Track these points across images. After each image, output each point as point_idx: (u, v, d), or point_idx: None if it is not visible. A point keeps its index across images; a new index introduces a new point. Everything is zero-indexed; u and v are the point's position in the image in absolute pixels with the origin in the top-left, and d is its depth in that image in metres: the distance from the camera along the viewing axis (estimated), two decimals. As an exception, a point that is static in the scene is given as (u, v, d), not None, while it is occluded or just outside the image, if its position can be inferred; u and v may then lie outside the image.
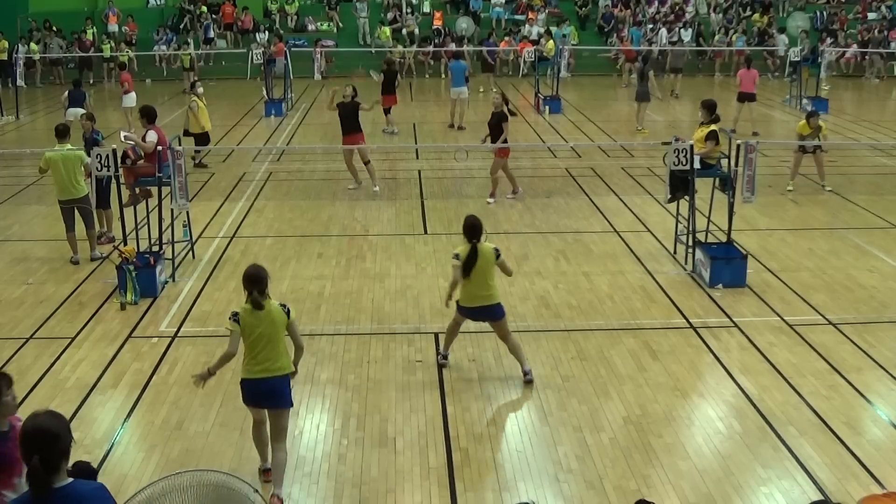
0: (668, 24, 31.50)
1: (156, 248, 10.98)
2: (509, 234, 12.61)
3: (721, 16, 32.98)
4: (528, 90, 26.21)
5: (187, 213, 11.79)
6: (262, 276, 6.42)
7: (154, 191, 11.51)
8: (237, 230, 13.13)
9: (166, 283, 10.87)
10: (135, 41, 30.54)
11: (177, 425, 7.58)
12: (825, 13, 32.86)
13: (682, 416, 7.75)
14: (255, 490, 4.39)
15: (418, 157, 18.14)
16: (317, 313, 9.94)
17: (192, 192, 12.86)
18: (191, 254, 11.84)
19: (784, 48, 28.11)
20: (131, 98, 20.72)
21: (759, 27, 31.71)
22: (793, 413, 7.70)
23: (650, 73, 21.08)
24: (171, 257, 11.11)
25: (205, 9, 32.32)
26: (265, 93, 23.73)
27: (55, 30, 30.49)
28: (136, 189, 11.69)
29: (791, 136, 16.90)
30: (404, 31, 31.99)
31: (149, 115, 12.16)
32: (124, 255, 10.33)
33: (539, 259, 11.63)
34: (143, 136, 11.84)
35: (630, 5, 33.41)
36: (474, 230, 8.07)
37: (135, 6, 32.34)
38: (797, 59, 23.75)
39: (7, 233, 13.15)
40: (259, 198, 14.89)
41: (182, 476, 4.27)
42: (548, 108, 23.20)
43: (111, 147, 10.89)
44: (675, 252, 11.77)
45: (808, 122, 14.64)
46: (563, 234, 12.79)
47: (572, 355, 8.88)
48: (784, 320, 9.65)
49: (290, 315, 6.48)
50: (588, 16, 33.54)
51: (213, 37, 31.60)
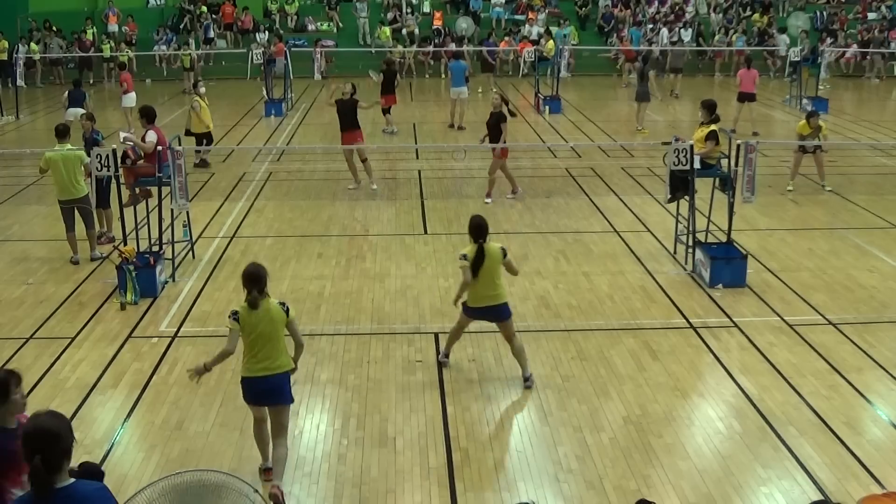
0: (668, 24, 31.51)
1: (156, 248, 10.98)
2: (509, 234, 12.60)
3: (721, 16, 32.98)
4: (528, 90, 26.21)
5: (187, 213, 11.79)
6: (262, 275, 6.44)
7: (154, 191, 11.52)
8: (237, 230, 13.13)
9: (166, 283, 10.88)
10: (135, 41, 30.53)
11: (177, 425, 7.58)
12: (825, 13, 32.86)
13: (682, 416, 7.75)
14: (255, 490, 4.39)
15: (418, 157, 18.14)
16: (317, 313, 9.95)
17: (192, 192, 12.86)
18: (191, 254, 11.85)
19: (785, 48, 28.10)
20: (131, 98, 20.71)
21: (759, 27, 31.70)
22: (793, 413, 7.70)
23: (650, 72, 21.07)
24: (171, 257, 11.11)
25: (205, 9, 32.31)
26: (265, 93, 23.73)
27: (55, 30, 30.49)
28: (136, 189, 11.71)
29: (791, 136, 16.91)
30: (404, 31, 31.98)
31: (148, 116, 12.18)
32: (124, 255, 10.34)
33: (539, 259, 11.63)
34: (143, 137, 11.86)
35: (630, 5, 33.41)
36: (480, 230, 8.04)
37: (135, 6, 32.34)
38: (797, 59, 23.77)
39: (7, 233, 13.15)
40: (259, 198, 14.89)
41: (182, 476, 4.27)
42: (548, 108, 23.20)
43: (111, 147, 10.90)
44: (675, 252, 11.77)
45: (808, 121, 14.65)
46: (563, 234, 12.80)
47: (572, 355, 8.88)
48: (784, 320, 9.65)
49: (289, 313, 6.51)
50: (588, 16, 33.54)
51: (213, 37, 31.60)
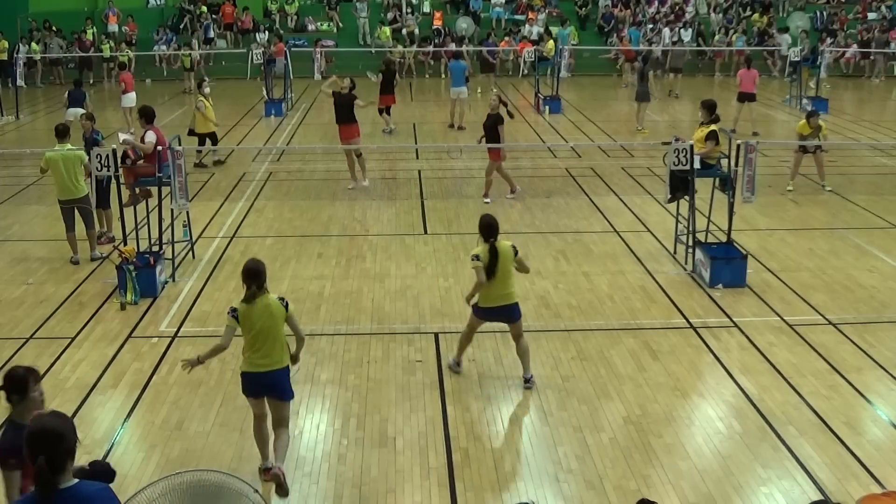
0: (669, 24, 31.49)
1: (156, 248, 10.98)
2: (509, 235, 12.50)
3: (721, 16, 32.97)
4: (528, 90, 26.22)
5: (187, 213, 11.79)
6: (261, 271, 6.52)
7: (154, 191, 11.52)
8: (237, 230, 13.13)
9: (166, 283, 10.88)
10: (135, 41, 30.52)
11: (177, 425, 7.58)
12: (825, 13, 32.85)
13: (682, 416, 7.75)
14: (255, 490, 4.39)
15: (418, 157, 18.13)
16: (317, 313, 9.94)
17: (192, 192, 12.87)
18: (191, 254, 11.85)
19: (787, 48, 28.10)
20: (131, 98, 20.70)
21: (759, 27, 31.70)
22: (793, 413, 7.70)
23: (650, 72, 21.06)
24: (171, 257, 11.11)
25: (205, 9, 32.31)
26: (265, 93, 23.72)
27: (55, 30, 30.48)
28: (136, 189, 11.71)
29: (791, 136, 16.91)
30: (404, 31, 31.96)
31: (147, 116, 12.18)
32: (124, 255, 10.34)
33: (539, 259, 11.62)
34: (142, 137, 11.85)
35: (630, 5, 33.41)
36: (491, 229, 7.98)
37: (135, 6, 32.34)
38: (797, 59, 23.77)
39: (7, 233, 13.15)
40: (259, 198, 14.89)
41: (182, 476, 4.26)
42: (548, 108, 23.20)
43: (111, 147, 10.90)
44: (675, 252, 11.77)
45: (808, 121, 14.65)
46: (563, 234, 12.80)
47: (572, 355, 8.88)
48: (784, 320, 9.65)
49: (288, 308, 6.57)
50: (588, 16, 33.53)
51: (213, 37, 31.59)
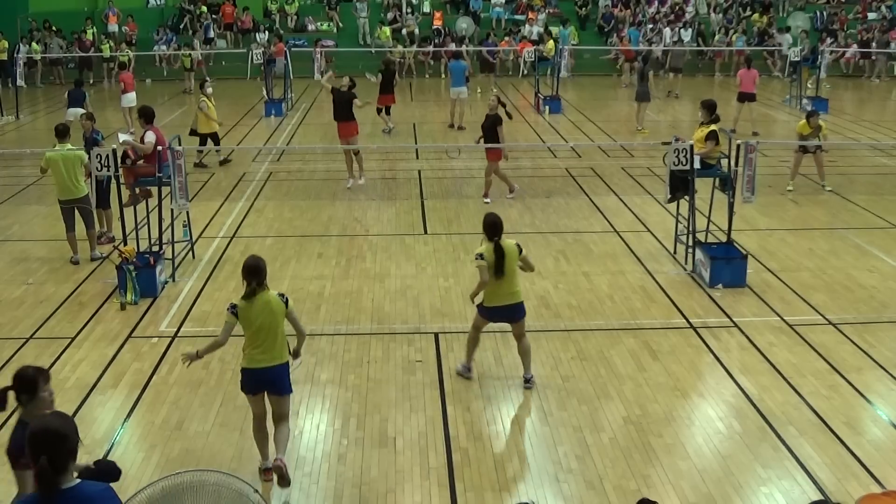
0: (670, 24, 31.49)
1: (156, 248, 10.98)
2: (509, 234, 12.49)
3: (721, 16, 32.96)
4: (528, 90, 26.21)
5: (187, 213, 11.79)
6: (261, 267, 6.55)
7: (154, 191, 11.52)
8: (237, 230, 13.13)
9: (166, 283, 10.88)
10: (135, 41, 30.51)
11: (177, 425, 7.58)
12: (825, 13, 32.85)
13: (682, 416, 7.75)
14: (255, 490, 4.39)
15: (418, 157, 18.13)
16: (317, 313, 9.94)
17: (192, 192, 12.87)
18: (191, 254, 11.85)
19: (787, 48, 28.09)
20: (131, 98, 20.69)
21: (759, 27, 31.70)
22: (793, 413, 7.70)
23: (650, 72, 21.06)
24: (171, 257, 11.11)
25: (205, 9, 32.30)
26: (265, 93, 23.72)
27: (55, 30, 30.47)
28: (136, 189, 11.72)
29: (791, 136, 16.91)
30: (404, 31, 31.95)
31: (147, 116, 12.18)
32: (124, 255, 10.34)
33: (539, 259, 11.59)
34: (142, 137, 11.85)
35: (630, 5, 33.41)
36: (495, 227, 7.97)
37: (135, 6, 32.33)
38: (797, 59, 23.76)
39: (7, 233, 13.15)
40: (259, 198, 14.89)
41: (182, 476, 4.26)
42: (548, 108, 23.19)
43: (111, 147, 10.90)
44: (675, 252, 11.77)
45: (808, 121, 14.65)
46: (563, 234, 12.79)
47: (572, 355, 8.88)
48: (784, 320, 9.65)
49: (287, 304, 6.60)
50: (588, 16, 33.53)
51: (213, 37, 31.58)
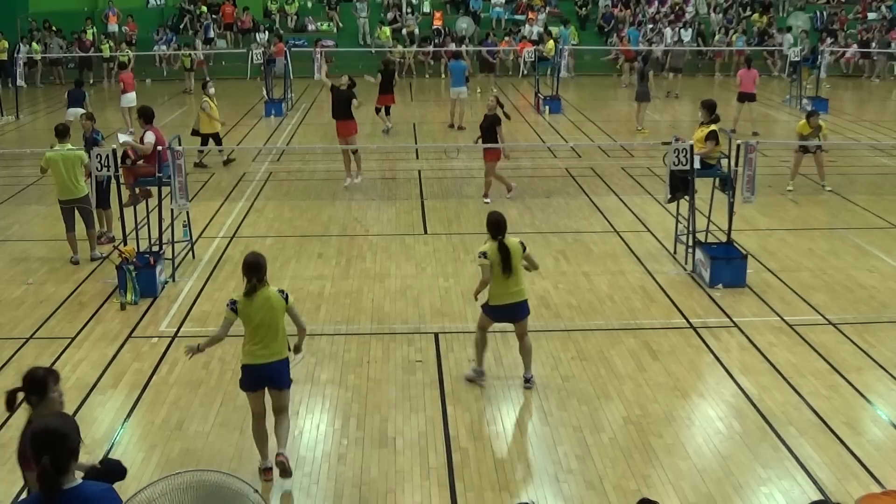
0: (670, 24, 31.47)
1: (156, 248, 10.98)
2: (509, 234, 12.56)
3: (721, 16, 32.96)
4: (528, 90, 26.21)
5: (187, 213, 11.79)
6: (261, 264, 6.58)
7: (154, 191, 11.52)
8: (237, 230, 13.13)
9: (166, 283, 10.88)
10: (135, 41, 30.51)
11: (177, 425, 7.58)
12: (825, 13, 32.85)
13: (682, 416, 7.75)
14: (255, 490, 4.38)
15: (418, 157, 18.13)
16: (317, 313, 9.94)
17: (192, 192, 12.87)
18: (191, 254, 11.85)
19: (788, 47, 28.08)
20: (131, 98, 20.69)
21: (759, 27, 31.70)
22: (793, 413, 7.70)
23: (650, 72, 21.06)
24: (171, 257, 11.11)
25: (205, 9, 32.30)
26: (265, 93, 23.73)
27: (55, 30, 30.48)
28: (136, 189, 11.71)
29: (791, 136, 16.91)
30: (404, 31, 31.95)
31: (146, 116, 12.18)
32: (124, 255, 10.34)
33: (539, 259, 11.50)
34: (141, 137, 11.85)
35: (630, 5, 33.41)
36: (499, 226, 7.95)
37: (135, 6, 32.33)
38: (797, 59, 23.76)
39: (7, 233, 13.15)
40: (259, 198, 14.89)
41: (182, 476, 4.26)
42: (548, 108, 23.19)
43: (111, 147, 10.90)
44: (675, 252, 11.77)
45: (808, 121, 14.65)
46: (563, 234, 12.79)
47: (572, 355, 8.88)
48: (784, 320, 9.65)
49: (287, 300, 6.62)
50: (588, 16, 33.53)
51: (213, 37, 31.58)
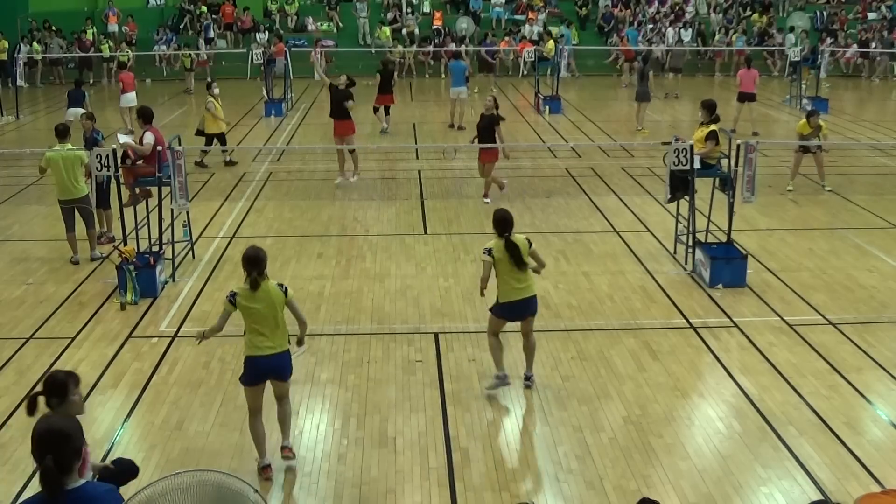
0: (671, 24, 31.47)
1: (156, 248, 10.98)
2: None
3: (721, 16, 32.97)
4: (528, 90, 26.21)
5: (187, 213, 11.79)
6: (262, 258, 6.60)
7: (154, 191, 11.52)
8: (237, 230, 13.13)
9: (166, 283, 10.88)
10: (135, 41, 30.52)
11: (177, 425, 7.58)
12: (825, 13, 32.85)
13: (682, 416, 7.75)
14: (255, 490, 4.38)
15: (418, 157, 18.13)
16: (317, 313, 9.94)
17: (192, 192, 12.87)
18: (191, 254, 11.85)
19: (790, 48, 28.07)
20: (131, 98, 20.67)
21: (759, 27, 31.70)
22: (793, 413, 7.70)
23: (650, 72, 21.06)
24: (171, 257, 11.11)
25: (205, 9, 32.32)
26: (265, 93, 23.73)
27: (55, 30, 30.49)
28: (136, 189, 11.72)
29: (791, 136, 16.91)
30: (404, 31, 31.96)
31: (145, 117, 12.19)
32: (124, 255, 10.34)
33: (539, 259, 11.62)
34: (141, 138, 11.85)
35: (630, 5, 33.41)
36: (505, 223, 7.93)
37: (135, 6, 32.34)
38: (797, 59, 23.75)
39: (7, 233, 13.15)
40: (259, 198, 14.89)
41: (182, 476, 4.25)
42: (548, 108, 23.20)
43: (111, 147, 10.91)
44: (675, 252, 11.77)
45: (808, 121, 14.65)
46: (563, 234, 12.79)
47: (572, 355, 8.88)
48: (784, 320, 9.65)
49: (287, 293, 6.64)
50: (588, 16, 33.54)
51: (213, 37, 31.59)
